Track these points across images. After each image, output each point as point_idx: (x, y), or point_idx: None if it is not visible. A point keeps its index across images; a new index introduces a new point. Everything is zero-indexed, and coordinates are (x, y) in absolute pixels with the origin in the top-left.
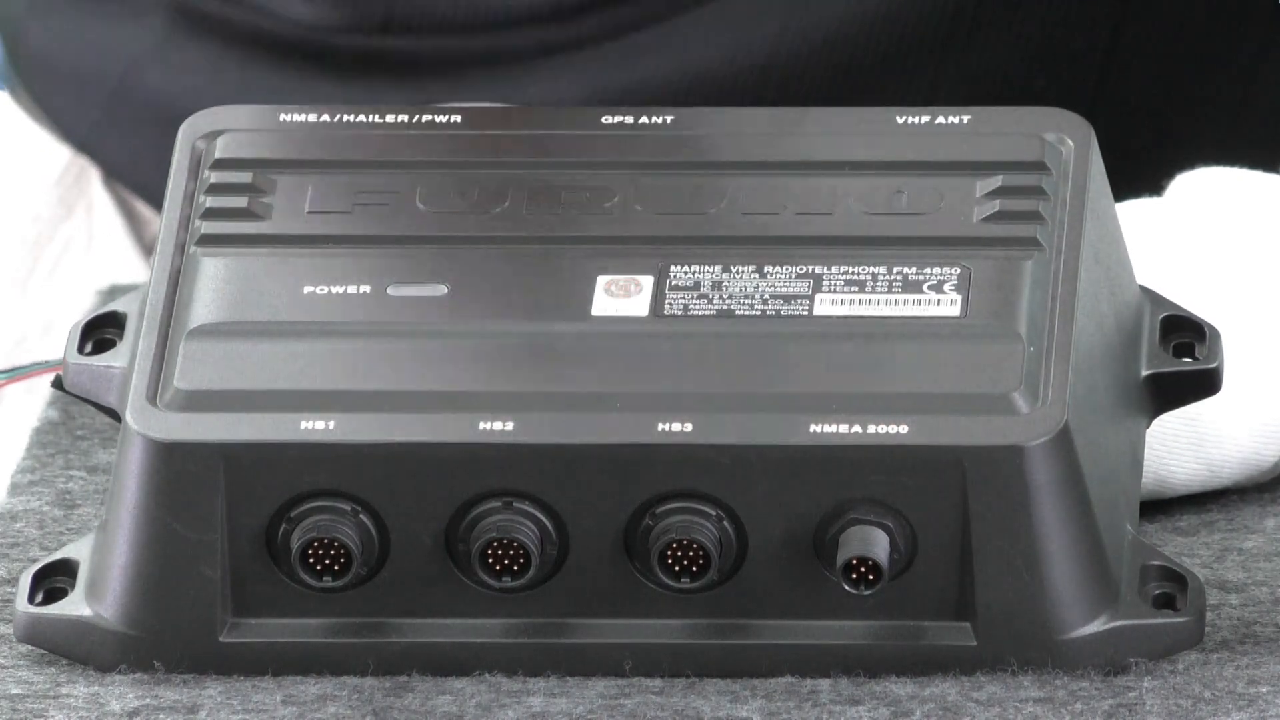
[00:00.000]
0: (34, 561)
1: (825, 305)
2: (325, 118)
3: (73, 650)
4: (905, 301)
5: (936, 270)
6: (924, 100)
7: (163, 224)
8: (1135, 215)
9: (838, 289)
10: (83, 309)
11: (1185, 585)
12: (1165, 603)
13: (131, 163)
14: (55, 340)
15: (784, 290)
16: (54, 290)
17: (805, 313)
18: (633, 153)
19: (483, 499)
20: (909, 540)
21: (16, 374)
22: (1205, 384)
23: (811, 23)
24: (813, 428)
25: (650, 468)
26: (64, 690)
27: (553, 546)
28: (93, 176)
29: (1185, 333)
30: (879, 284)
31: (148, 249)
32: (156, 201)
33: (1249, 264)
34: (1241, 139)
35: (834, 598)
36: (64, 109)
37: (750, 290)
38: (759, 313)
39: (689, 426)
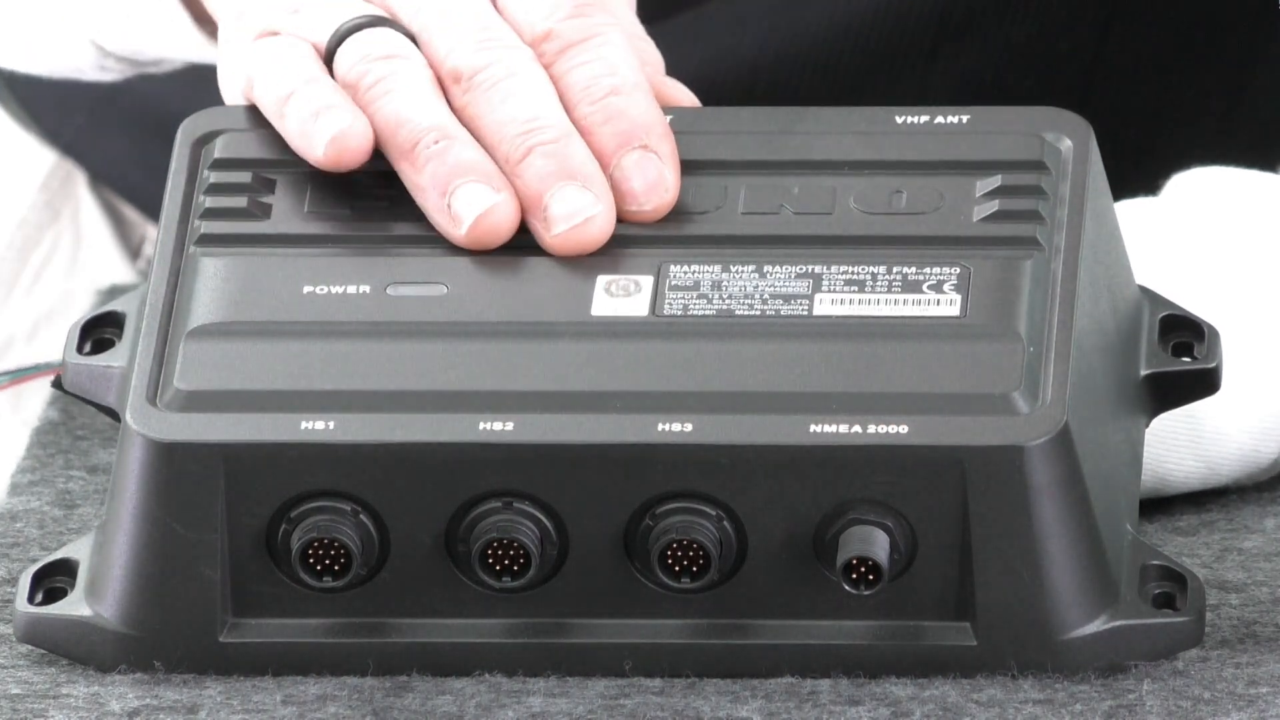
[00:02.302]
0: (34, 561)
1: (825, 305)
2: None
3: (73, 650)
4: (905, 301)
5: (936, 270)
6: (913, 102)
7: (162, 224)
8: (1132, 215)
9: (837, 289)
10: (72, 311)
11: (1185, 585)
12: (1165, 603)
13: (117, 166)
14: (42, 344)
15: (784, 290)
16: (41, 294)
17: (805, 313)
18: None
19: (483, 499)
20: (909, 540)
21: (18, 376)
22: (1204, 383)
23: (800, 25)
24: (813, 428)
25: (650, 468)
26: (64, 690)
27: (553, 546)
28: (79, 180)
29: (1184, 332)
30: (879, 284)
31: (134, 252)
32: (143, 205)
33: (1246, 263)
34: (1233, 139)
35: (834, 598)
36: (50, 113)
37: (750, 290)
38: (759, 313)
39: (689, 426)
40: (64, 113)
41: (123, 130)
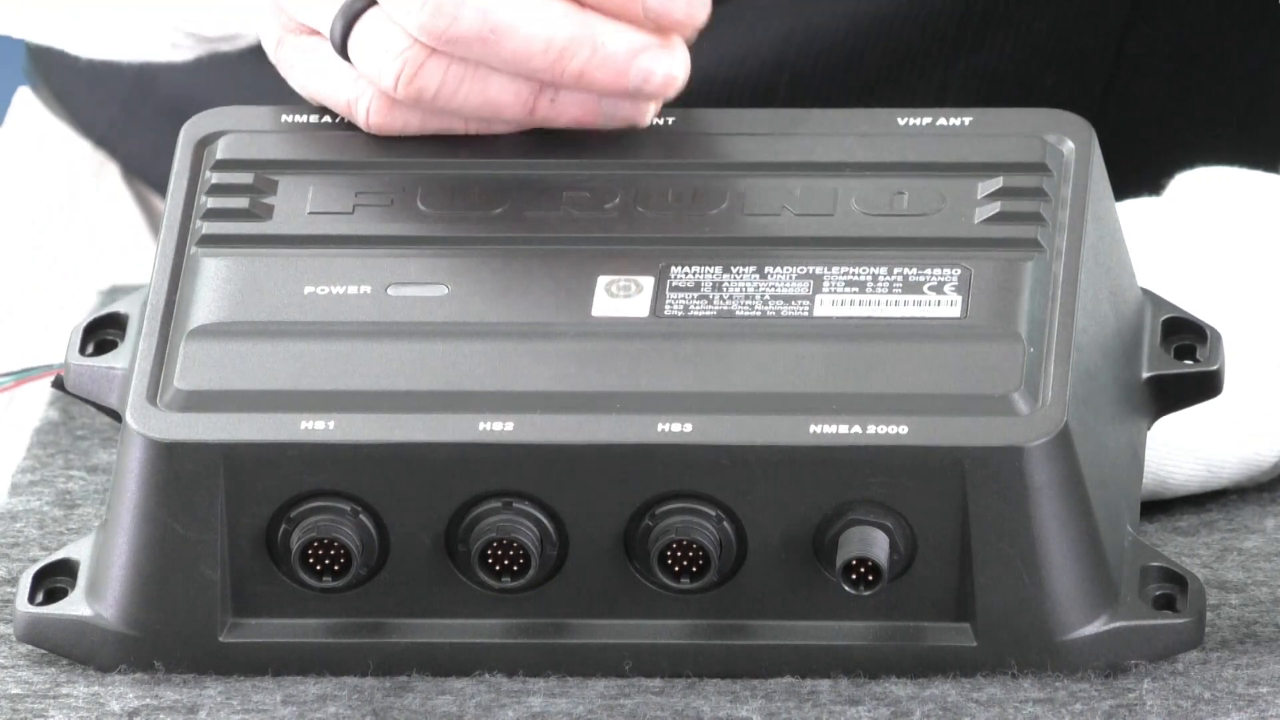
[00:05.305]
0: (34, 561)
1: (825, 306)
2: (326, 118)
3: (73, 650)
4: (905, 302)
5: (937, 271)
6: (934, 99)
7: (164, 224)
8: (1134, 214)
9: (838, 290)
10: (87, 308)
11: (1185, 586)
12: (1165, 604)
13: (149, 158)
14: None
15: (784, 291)
16: (72, 285)
17: (805, 313)
18: (633, 153)
19: (483, 499)
20: (909, 541)
21: (22, 376)
22: (1206, 386)
23: (821, 23)
24: (813, 428)
25: (650, 468)
26: (64, 690)
27: (552, 547)
28: (111, 171)
29: (1186, 335)
30: (879, 285)
31: None
32: None
33: (1248, 264)
34: (1251, 140)
35: (834, 598)
36: (83, 104)
37: (751, 291)
38: (759, 313)
39: (689, 426)
40: (98, 104)
41: (155, 122)
